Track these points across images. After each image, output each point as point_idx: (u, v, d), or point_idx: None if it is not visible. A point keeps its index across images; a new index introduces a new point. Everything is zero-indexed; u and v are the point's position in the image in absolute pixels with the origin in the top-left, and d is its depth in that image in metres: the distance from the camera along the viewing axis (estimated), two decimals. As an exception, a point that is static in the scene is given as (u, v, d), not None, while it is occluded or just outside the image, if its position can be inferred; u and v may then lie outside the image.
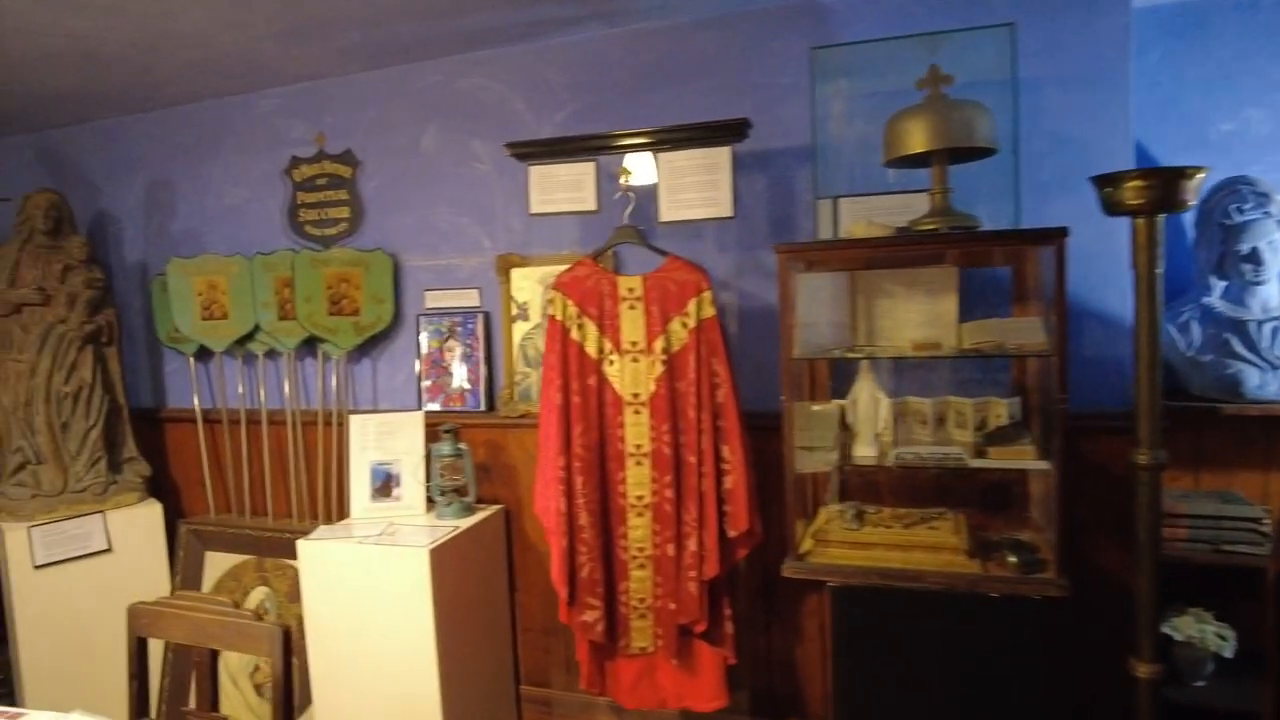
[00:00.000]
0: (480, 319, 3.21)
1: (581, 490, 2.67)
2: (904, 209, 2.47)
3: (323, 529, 2.98)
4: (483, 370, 3.22)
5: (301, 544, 2.88)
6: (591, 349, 2.67)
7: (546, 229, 3.09)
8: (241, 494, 3.61)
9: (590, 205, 2.70)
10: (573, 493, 2.66)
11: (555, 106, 3.04)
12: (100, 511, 3.34)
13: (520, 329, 3.15)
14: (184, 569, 3.50)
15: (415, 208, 3.29)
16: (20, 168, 4.05)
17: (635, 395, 2.64)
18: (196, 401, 3.66)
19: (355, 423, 3.15)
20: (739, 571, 2.87)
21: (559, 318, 2.69)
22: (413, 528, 2.95)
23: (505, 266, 3.14)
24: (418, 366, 3.31)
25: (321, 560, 2.86)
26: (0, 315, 3.30)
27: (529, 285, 3.12)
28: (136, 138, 3.80)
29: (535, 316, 3.12)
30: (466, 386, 3.25)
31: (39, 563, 3.19)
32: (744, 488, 2.56)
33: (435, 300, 3.29)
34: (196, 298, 3.48)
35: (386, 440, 3.15)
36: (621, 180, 2.67)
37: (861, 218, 2.54)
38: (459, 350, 3.25)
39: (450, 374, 3.27)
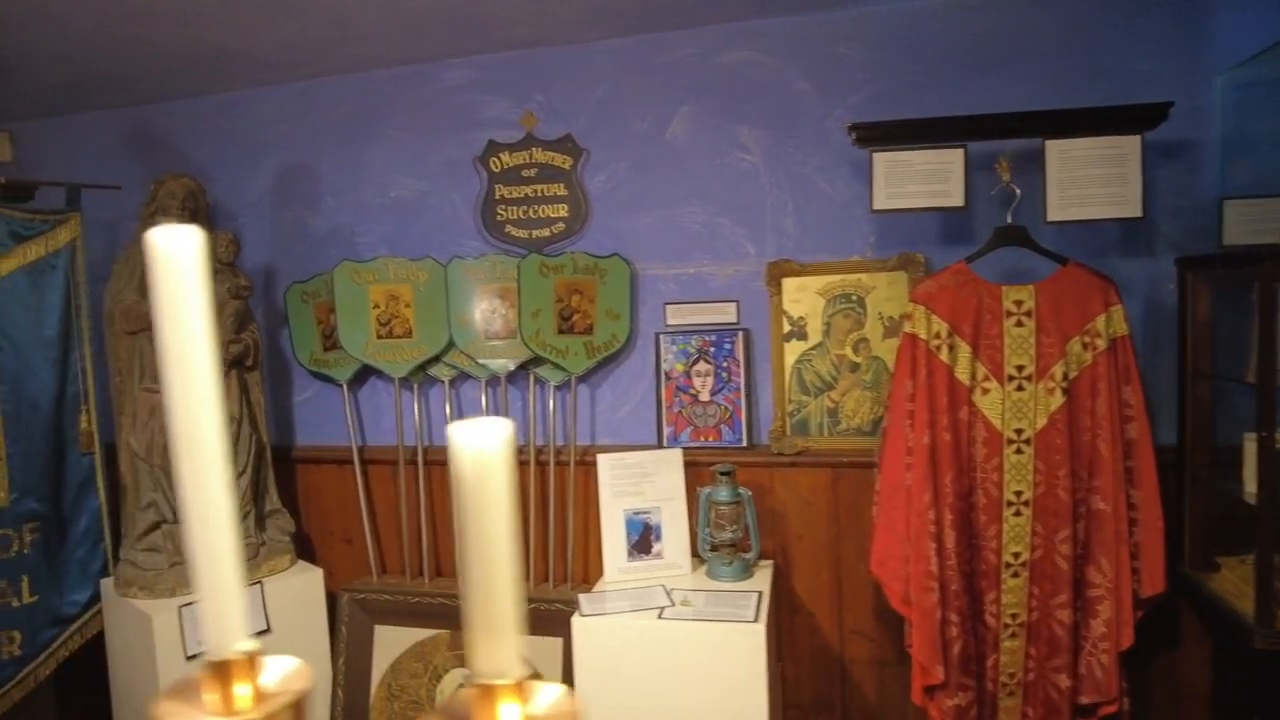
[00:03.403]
0: (739, 337, 2.70)
1: (953, 548, 2.20)
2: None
3: (589, 598, 2.39)
4: (743, 399, 2.70)
5: (578, 620, 2.29)
6: (963, 375, 2.21)
7: (827, 231, 2.61)
8: (418, 552, 2.94)
9: (955, 200, 2.25)
10: (944, 551, 2.19)
11: (849, 88, 2.58)
12: (257, 582, 2.62)
13: (795, 349, 2.65)
14: (348, 648, 2.81)
15: (657, 206, 2.75)
16: (98, 152, 3.27)
17: (1018, 431, 2.19)
18: (353, 438, 2.97)
19: (605, 464, 2.58)
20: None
21: (922, 336, 2.22)
22: (704, 593, 2.40)
23: (776, 275, 2.64)
24: (658, 394, 2.76)
25: (608, 638, 2.27)
26: (128, 332, 2.56)
27: (807, 298, 2.63)
28: (264, 116, 3.10)
29: (815, 334, 2.63)
30: (722, 418, 2.72)
31: (192, 652, 2.45)
32: (1161, 541, 2.15)
33: (680, 315, 2.75)
34: (372, 310, 2.81)
35: (642, 484, 2.58)
36: (1002, 172, 2.23)
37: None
38: (711, 374, 2.72)
39: (700, 403, 2.73)
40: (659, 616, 2.27)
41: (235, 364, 2.68)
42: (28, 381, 2.65)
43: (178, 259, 0.57)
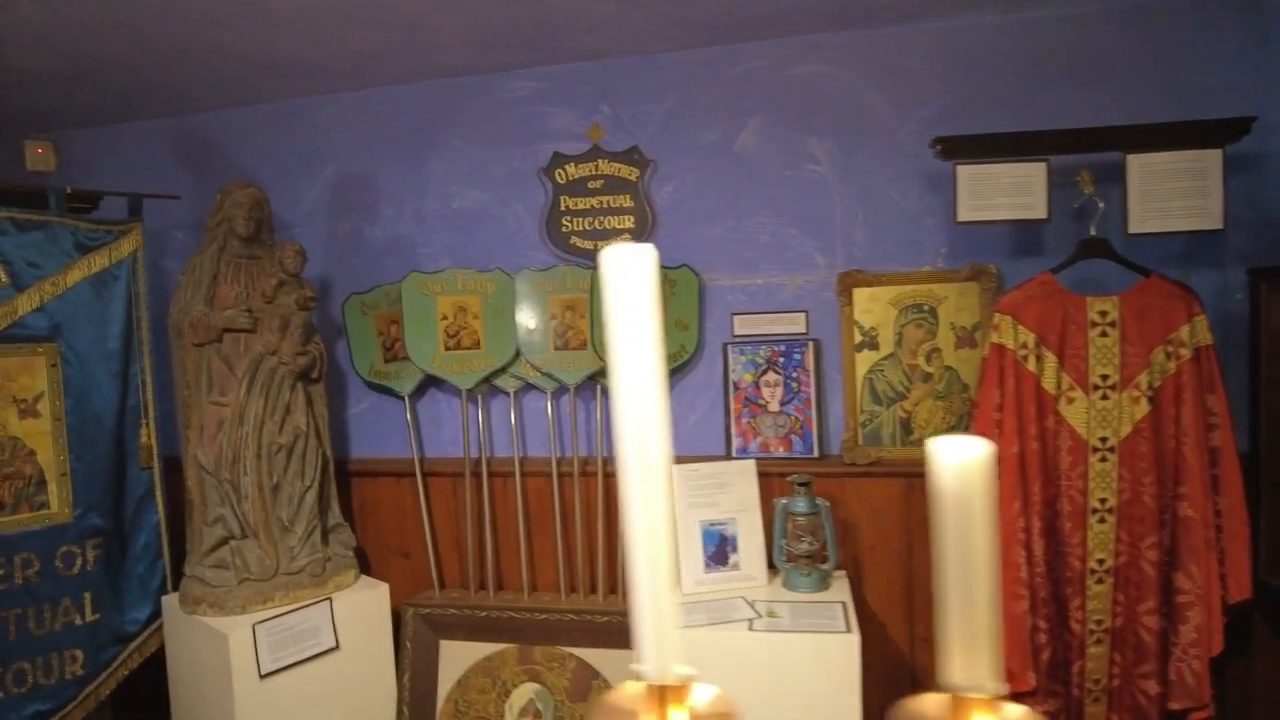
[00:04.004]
0: (809, 348, 2.71)
1: (1042, 555, 2.22)
2: None
3: (686, 611, 2.38)
4: (813, 409, 2.71)
5: (668, 633, 2.27)
6: (1049, 384, 2.24)
7: (898, 242, 2.64)
8: (483, 565, 2.91)
9: (1039, 213, 2.28)
10: (1033, 559, 2.22)
11: (919, 100, 2.61)
12: (326, 599, 2.58)
13: (866, 359, 2.67)
14: (413, 664, 2.77)
15: (725, 217, 2.76)
16: (144, 161, 3.22)
17: (1103, 440, 2.22)
18: (415, 451, 2.95)
19: (679, 475, 2.57)
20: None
21: (1010, 346, 2.25)
22: (787, 605, 2.39)
23: (848, 286, 2.66)
24: (726, 404, 2.76)
25: (697, 651, 2.25)
26: (196, 343, 2.52)
27: (879, 308, 2.65)
28: (320, 124, 3.07)
29: (887, 344, 2.65)
30: (792, 428, 2.73)
31: (266, 670, 2.41)
32: (1246, 548, 2.18)
33: (749, 326, 2.76)
34: (440, 322, 2.79)
35: (716, 495, 2.58)
36: (1084, 185, 2.27)
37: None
38: (781, 385, 2.73)
39: (769, 413, 2.74)
40: (749, 628, 2.26)
41: (302, 376, 2.64)
42: (92, 395, 2.60)
43: (631, 276, 0.57)
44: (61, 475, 2.55)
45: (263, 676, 2.40)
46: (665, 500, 0.56)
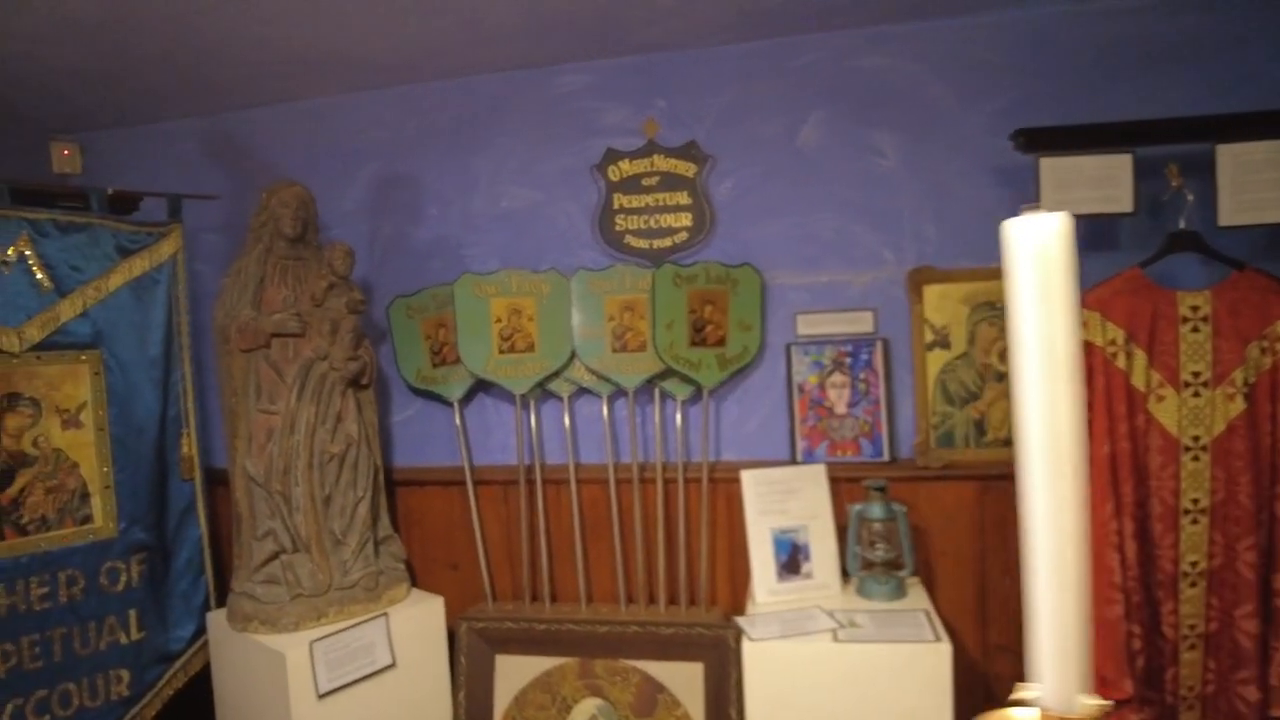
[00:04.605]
0: (878, 347, 2.63)
1: (1134, 559, 2.15)
2: None
3: (751, 622, 2.30)
4: (883, 410, 2.63)
5: (750, 646, 2.19)
6: (1138, 382, 2.17)
7: (969, 237, 2.56)
8: (537, 576, 2.82)
9: (1125, 205, 2.21)
10: (1126, 562, 2.14)
11: (990, 93, 2.54)
12: (383, 614, 2.48)
13: (938, 359, 2.60)
14: (468, 680, 2.67)
15: (787, 213, 2.68)
16: (173, 162, 3.11)
17: (1195, 438, 2.15)
18: (465, 459, 2.84)
19: (749, 481, 2.49)
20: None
21: (1097, 343, 2.17)
22: (866, 614, 2.31)
23: (918, 282, 2.59)
24: (790, 407, 2.68)
25: (782, 663, 2.18)
26: (244, 349, 2.42)
27: (950, 305, 2.58)
28: (359, 122, 2.97)
29: (959, 343, 2.58)
30: (860, 431, 2.65)
31: (324, 689, 2.30)
32: (1348, 548, 2.12)
33: (812, 325, 2.68)
34: (495, 325, 2.69)
35: (786, 501, 2.50)
36: (1172, 178, 2.20)
37: None
38: (848, 386, 2.65)
39: (836, 416, 2.66)
40: (834, 639, 2.18)
41: (352, 382, 2.54)
42: (134, 404, 2.49)
43: (1045, 248, 0.48)
44: (105, 488, 2.44)
45: (320, 696, 2.30)
46: (1078, 503, 0.47)
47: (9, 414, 2.30)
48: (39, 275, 2.34)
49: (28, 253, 2.32)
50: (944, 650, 2.10)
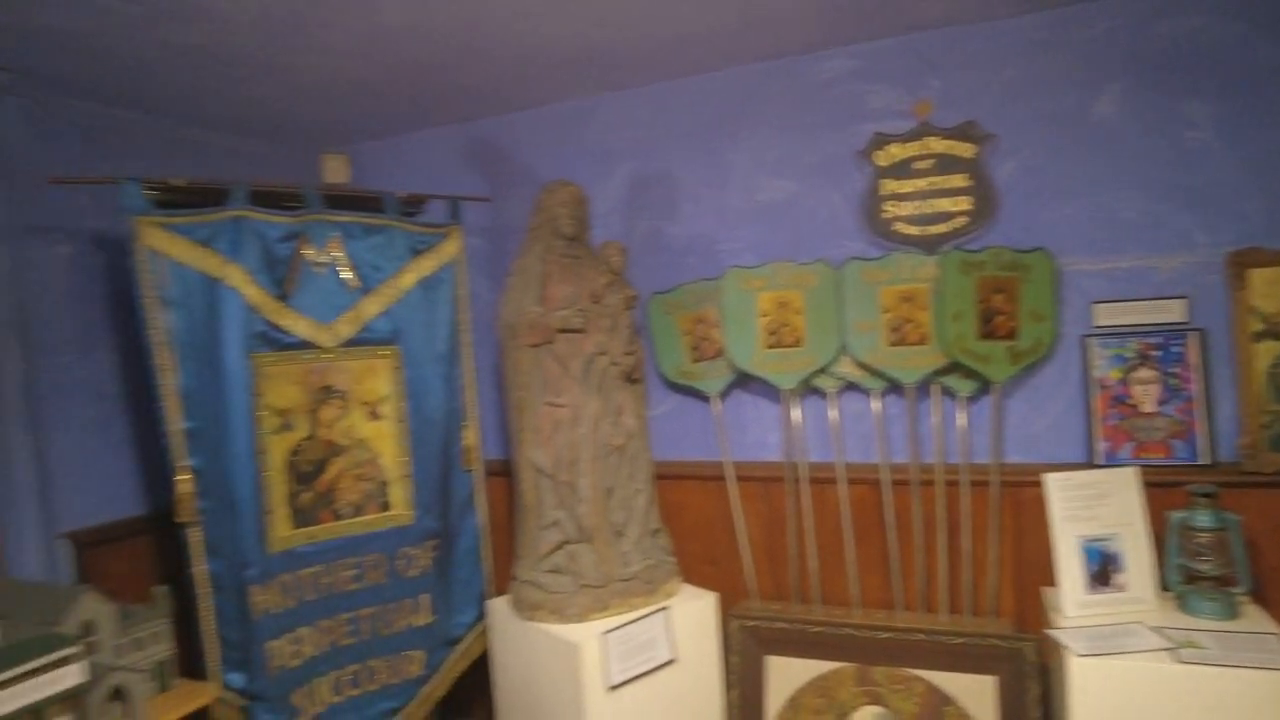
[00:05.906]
0: (1194, 339, 2.38)
1: None
2: None
3: (1074, 637, 2.11)
4: (1200, 408, 2.37)
5: (1078, 662, 2.01)
6: None
7: (1304, 214, 2.27)
8: (805, 576, 2.74)
9: None
10: None
11: (1331, 48, 2.24)
12: (664, 608, 2.47)
13: (1267, 351, 2.31)
14: (740, 679, 2.62)
15: (1081, 193, 2.48)
16: (434, 169, 3.28)
17: None
18: (726, 454, 2.81)
19: (1053, 485, 2.30)
20: None
21: None
22: (1202, 634, 2.07)
23: (1240, 266, 2.32)
24: (1087, 405, 2.47)
25: (1114, 683, 1.98)
26: (532, 344, 2.48)
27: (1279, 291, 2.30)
28: (612, 123, 3.02)
29: (1294, 333, 2.29)
30: (1171, 431, 2.40)
31: (614, 682, 2.32)
32: None
33: (1112, 315, 2.46)
34: (760, 319, 2.65)
35: (1095, 507, 2.29)
36: None
37: None
38: (1157, 382, 2.41)
39: (1143, 415, 2.42)
40: (1177, 660, 1.96)
41: (628, 376, 2.56)
42: (426, 398, 2.62)
43: None
44: (404, 477, 2.57)
45: (610, 688, 2.31)
46: None
47: (324, 405, 2.46)
48: (347, 275, 2.50)
49: (338, 254, 2.48)
50: (1310, 678, 1.85)
